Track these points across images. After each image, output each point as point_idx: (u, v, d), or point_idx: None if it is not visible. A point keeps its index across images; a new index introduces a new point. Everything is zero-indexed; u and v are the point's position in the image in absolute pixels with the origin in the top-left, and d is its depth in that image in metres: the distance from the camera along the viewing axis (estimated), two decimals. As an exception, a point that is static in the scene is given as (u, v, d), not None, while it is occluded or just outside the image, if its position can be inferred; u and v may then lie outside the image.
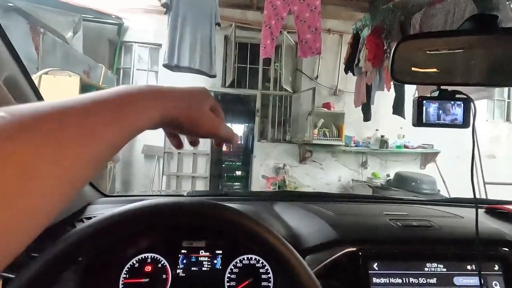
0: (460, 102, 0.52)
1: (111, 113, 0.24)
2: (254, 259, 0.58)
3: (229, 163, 7.56)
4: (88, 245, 0.29)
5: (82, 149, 0.21)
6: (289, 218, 0.65)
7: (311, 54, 3.31)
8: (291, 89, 4.45)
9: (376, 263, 0.51)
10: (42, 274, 0.28)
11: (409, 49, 0.47)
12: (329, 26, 4.50)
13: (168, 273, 0.56)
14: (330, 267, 0.51)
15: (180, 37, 3.16)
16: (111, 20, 4.14)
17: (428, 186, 3.46)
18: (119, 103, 0.25)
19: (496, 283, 0.52)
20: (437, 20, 2.47)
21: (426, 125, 0.52)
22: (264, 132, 4.69)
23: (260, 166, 4.51)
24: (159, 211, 0.32)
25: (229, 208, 0.34)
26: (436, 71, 0.50)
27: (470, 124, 0.52)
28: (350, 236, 0.56)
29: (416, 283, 0.51)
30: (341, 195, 1.24)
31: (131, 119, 0.26)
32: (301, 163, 4.55)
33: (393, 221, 0.60)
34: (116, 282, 0.54)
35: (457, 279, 0.52)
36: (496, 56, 0.49)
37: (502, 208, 0.76)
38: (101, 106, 0.24)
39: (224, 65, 4.47)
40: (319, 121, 4.11)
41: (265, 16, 3.20)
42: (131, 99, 0.26)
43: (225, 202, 0.39)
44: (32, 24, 2.60)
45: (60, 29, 3.11)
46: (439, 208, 0.77)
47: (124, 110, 0.25)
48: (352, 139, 4.41)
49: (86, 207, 0.68)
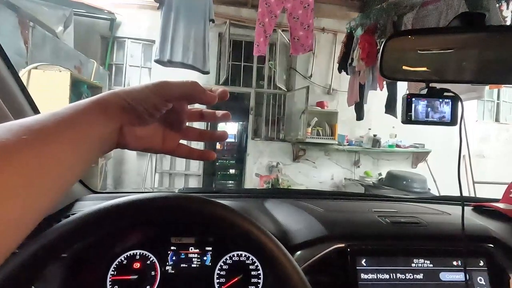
0: (448, 100, 0.52)
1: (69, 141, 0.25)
2: (244, 255, 0.58)
3: (222, 161, 7.55)
4: (69, 240, 0.29)
5: (44, 178, 0.22)
6: (279, 214, 0.65)
7: (303, 51, 3.33)
8: (285, 88, 4.46)
9: (364, 259, 0.51)
10: (21, 271, 0.28)
11: (397, 46, 0.47)
12: (324, 25, 4.51)
13: (157, 270, 0.56)
14: (319, 263, 0.51)
15: (173, 33, 3.13)
16: (103, 15, 4.08)
17: (419, 184, 3.52)
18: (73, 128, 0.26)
19: (481, 278, 0.53)
20: (430, 21, 2.50)
21: (414, 122, 0.52)
22: (258, 130, 4.69)
23: (254, 164, 4.51)
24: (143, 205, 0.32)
25: (215, 202, 0.34)
26: (424, 68, 0.50)
27: (457, 122, 0.53)
28: (339, 232, 0.56)
29: (403, 278, 0.51)
30: (331, 193, 1.24)
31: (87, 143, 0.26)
32: (294, 161, 4.57)
33: (381, 218, 0.61)
34: (103, 279, 0.53)
35: (443, 274, 0.53)
36: (484, 53, 0.50)
37: (489, 206, 0.77)
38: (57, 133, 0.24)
39: (218, 62, 4.45)
40: (313, 120, 4.13)
41: (259, 13, 3.19)
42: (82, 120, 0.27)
43: (216, 199, 0.39)
44: (21, 17, 2.54)
45: (50, 23, 3.05)
46: (427, 206, 0.78)
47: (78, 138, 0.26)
48: (345, 138, 4.45)
49: (74, 204, 0.67)
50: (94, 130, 0.27)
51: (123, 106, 0.30)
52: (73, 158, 0.25)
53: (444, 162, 4.35)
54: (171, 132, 0.36)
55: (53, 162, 0.23)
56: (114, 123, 0.29)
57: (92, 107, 0.28)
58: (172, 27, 3.12)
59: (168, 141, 0.36)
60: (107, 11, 4.04)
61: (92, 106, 0.28)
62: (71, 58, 3.18)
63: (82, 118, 0.27)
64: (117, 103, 0.30)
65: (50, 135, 0.23)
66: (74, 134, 0.25)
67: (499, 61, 0.50)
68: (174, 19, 3.13)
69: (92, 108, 0.28)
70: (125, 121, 0.31)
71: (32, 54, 2.60)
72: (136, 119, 0.31)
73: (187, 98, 0.33)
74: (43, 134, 0.23)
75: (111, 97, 0.30)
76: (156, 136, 0.35)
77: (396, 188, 3.52)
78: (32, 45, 2.61)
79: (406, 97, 0.52)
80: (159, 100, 0.31)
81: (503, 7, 2.47)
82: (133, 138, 0.32)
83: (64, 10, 3.28)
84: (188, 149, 0.38)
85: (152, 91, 0.31)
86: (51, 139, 0.23)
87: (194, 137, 0.39)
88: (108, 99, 0.29)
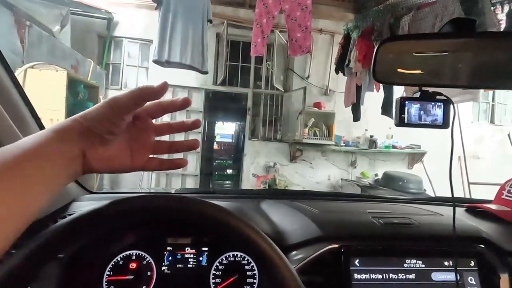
0: (441, 103, 0.53)
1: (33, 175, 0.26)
2: (240, 256, 0.58)
3: (220, 161, 7.55)
4: (65, 241, 0.29)
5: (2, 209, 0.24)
6: (274, 215, 0.66)
7: (301, 53, 3.35)
8: (282, 88, 4.47)
9: (357, 259, 0.52)
10: (18, 271, 0.28)
11: (390, 51, 0.48)
12: (321, 26, 4.53)
13: (153, 270, 0.56)
14: (313, 263, 0.52)
15: (171, 33, 3.13)
16: (100, 14, 4.06)
17: (415, 185, 3.54)
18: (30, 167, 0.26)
19: (471, 278, 0.54)
20: (426, 23, 2.52)
21: (407, 125, 0.53)
22: (255, 131, 4.70)
23: (251, 165, 4.52)
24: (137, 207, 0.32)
25: (208, 203, 0.35)
26: (416, 72, 0.51)
27: (449, 124, 0.54)
28: (333, 233, 0.57)
29: (395, 278, 0.52)
30: (327, 193, 1.25)
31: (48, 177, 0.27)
32: (291, 161, 4.58)
33: (375, 219, 0.62)
34: (100, 279, 0.53)
35: (435, 274, 0.53)
36: (474, 58, 0.51)
37: (482, 207, 0.79)
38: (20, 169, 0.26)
39: (216, 62, 4.45)
40: (310, 121, 4.14)
41: (257, 14, 3.20)
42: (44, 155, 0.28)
43: (213, 200, 0.40)
44: (17, 16, 2.52)
45: (47, 22, 3.03)
46: (421, 207, 0.79)
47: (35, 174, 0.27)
48: (342, 139, 4.47)
49: (70, 204, 0.67)
50: (54, 160, 0.28)
51: (80, 130, 0.30)
52: (34, 190, 0.26)
53: (439, 163, 4.39)
54: (138, 148, 0.36)
55: (12, 197, 0.24)
56: (73, 149, 0.30)
57: (50, 137, 0.29)
58: (170, 27, 3.12)
59: (136, 158, 0.36)
60: (104, 10, 4.03)
61: (50, 135, 0.29)
62: (67, 57, 3.16)
63: (39, 151, 0.27)
64: (74, 128, 0.30)
65: (9, 170, 0.25)
66: (31, 168, 0.26)
67: (490, 66, 0.51)
68: (172, 20, 3.13)
69: (50, 138, 0.29)
70: (86, 145, 0.31)
71: (29, 53, 2.59)
72: (97, 140, 0.32)
73: (136, 102, 0.32)
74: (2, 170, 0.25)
75: (67, 123, 0.30)
76: (123, 155, 0.35)
77: (392, 189, 3.54)
78: (29, 44, 2.59)
79: (399, 100, 0.53)
80: (113, 115, 0.31)
81: (498, 10, 2.50)
82: (99, 160, 0.32)
83: (61, 9, 3.27)
84: (158, 162, 0.39)
85: (104, 107, 0.31)
86: (8, 175, 0.25)
87: (164, 150, 0.39)
88: (64, 126, 0.30)
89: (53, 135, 0.29)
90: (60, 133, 0.29)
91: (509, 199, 0.76)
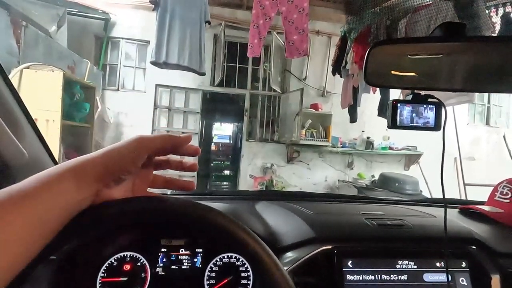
0: (432, 106, 0.54)
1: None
2: (234, 257, 0.58)
3: (217, 162, 7.54)
4: (58, 243, 0.29)
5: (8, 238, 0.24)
6: (268, 216, 0.66)
7: (298, 55, 3.36)
8: (279, 90, 4.48)
9: (350, 260, 0.53)
10: None
11: (381, 54, 0.49)
12: (318, 28, 4.55)
13: (147, 271, 0.56)
14: (306, 264, 0.52)
15: (169, 34, 3.13)
16: (97, 14, 4.06)
17: (411, 186, 3.56)
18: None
19: (463, 279, 0.54)
20: (421, 26, 2.54)
21: (400, 127, 0.54)
22: (252, 132, 4.70)
23: (248, 166, 4.52)
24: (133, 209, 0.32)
25: (200, 205, 0.35)
26: (407, 75, 0.52)
27: (441, 127, 0.54)
28: (327, 234, 0.57)
29: (388, 279, 0.53)
30: (322, 195, 1.26)
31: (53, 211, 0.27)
32: (288, 163, 4.59)
33: (368, 220, 0.62)
34: (93, 281, 0.53)
35: (427, 275, 0.54)
36: (465, 62, 0.52)
37: (475, 209, 0.79)
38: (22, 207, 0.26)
39: (213, 64, 4.46)
40: (307, 122, 4.16)
41: (253, 15, 3.21)
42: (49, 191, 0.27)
43: (208, 202, 0.40)
44: (13, 16, 2.51)
45: (43, 22, 3.02)
46: (415, 208, 0.80)
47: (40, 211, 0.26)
48: (339, 140, 4.49)
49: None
50: (66, 198, 0.28)
51: (97, 174, 0.30)
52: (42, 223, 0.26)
53: (436, 164, 4.41)
54: (139, 182, 0.37)
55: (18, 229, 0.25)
56: (88, 191, 0.30)
57: (66, 176, 0.28)
58: (168, 28, 3.12)
59: (136, 191, 0.37)
60: (101, 10, 4.02)
61: (67, 174, 0.28)
62: (64, 57, 3.15)
63: (54, 188, 0.27)
64: (94, 171, 0.29)
65: (15, 204, 0.25)
66: (41, 203, 0.26)
67: (480, 70, 0.52)
68: (170, 21, 3.13)
69: (66, 177, 0.28)
70: (101, 187, 0.31)
71: (24, 53, 2.58)
72: (113, 182, 0.32)
73: (166, 150, 0.33)
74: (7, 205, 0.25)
75: (87, 165, 0.29)
76: (126, 189, 0.36)
77: (388, 190, 3.56)
78: (25, 44, 2.58)
79: (392, 103, 0.53)
80: (139, 157, 0.31)
81: (493, 13, 2.53)
82: (106, 197, 0.32)
83: (57, 9, 3.26)
84: (163, 180, 0.41)
85: (130, 149, 0.31)
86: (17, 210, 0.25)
87: (161, 184, 0.41)
88: (84, 168, 0.29)
89: (70, 175, 0.28)
90: (79, 174, 0.29)
91: (502, 200, 0.77)
